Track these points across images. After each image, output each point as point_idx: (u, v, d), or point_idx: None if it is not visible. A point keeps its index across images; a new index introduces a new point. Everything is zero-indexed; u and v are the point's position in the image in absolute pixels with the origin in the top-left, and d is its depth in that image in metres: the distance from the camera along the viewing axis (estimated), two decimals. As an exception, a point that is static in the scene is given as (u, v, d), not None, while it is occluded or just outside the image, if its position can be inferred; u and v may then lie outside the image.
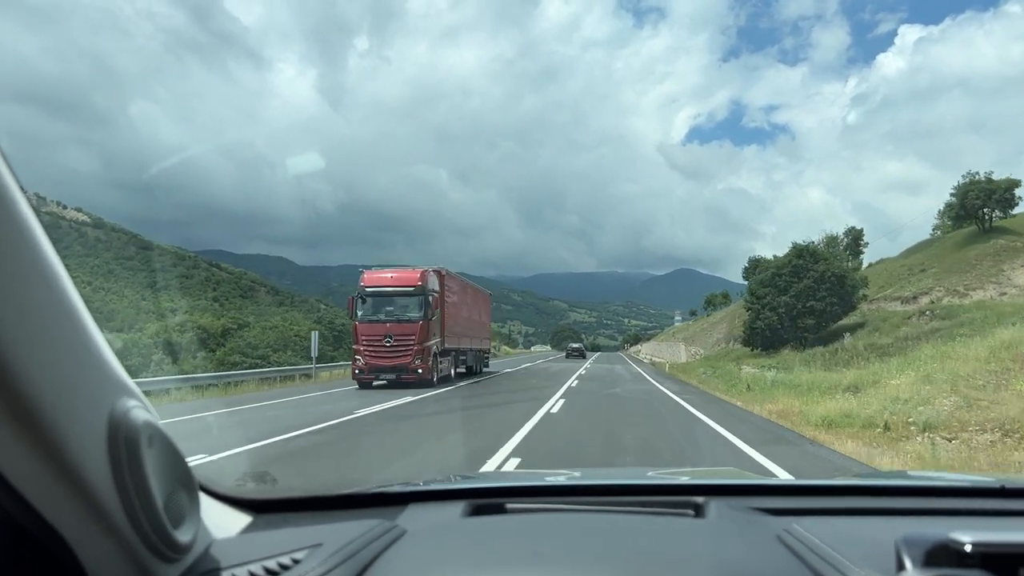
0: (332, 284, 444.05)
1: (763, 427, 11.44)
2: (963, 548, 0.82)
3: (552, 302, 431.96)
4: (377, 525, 1.18)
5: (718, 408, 14.60)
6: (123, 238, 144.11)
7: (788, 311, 36.08)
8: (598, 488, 1.65)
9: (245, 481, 1.56)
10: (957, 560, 0.82)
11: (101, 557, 0.76)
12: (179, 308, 70.68)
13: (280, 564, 0.97)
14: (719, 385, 21.37)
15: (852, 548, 1.05)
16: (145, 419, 0.81)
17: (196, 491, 0.94)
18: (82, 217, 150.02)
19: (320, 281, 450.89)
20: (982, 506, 1.45)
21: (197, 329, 42.92)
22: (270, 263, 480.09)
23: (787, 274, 37.66)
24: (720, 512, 1.33)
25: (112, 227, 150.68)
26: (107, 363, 0.79)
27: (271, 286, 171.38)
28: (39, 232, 0.68)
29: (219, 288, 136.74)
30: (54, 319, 0.70)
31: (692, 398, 16.89)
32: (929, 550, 0.84)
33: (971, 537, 0.82)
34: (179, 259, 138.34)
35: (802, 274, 36.35)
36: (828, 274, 35.66)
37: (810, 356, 27.02)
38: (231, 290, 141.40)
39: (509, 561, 1.08)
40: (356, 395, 16.90)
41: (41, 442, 0.66)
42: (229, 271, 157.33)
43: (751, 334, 39.11)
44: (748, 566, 1.05)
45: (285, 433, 9.82)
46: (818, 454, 8.60)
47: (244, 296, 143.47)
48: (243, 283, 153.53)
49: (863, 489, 1.64)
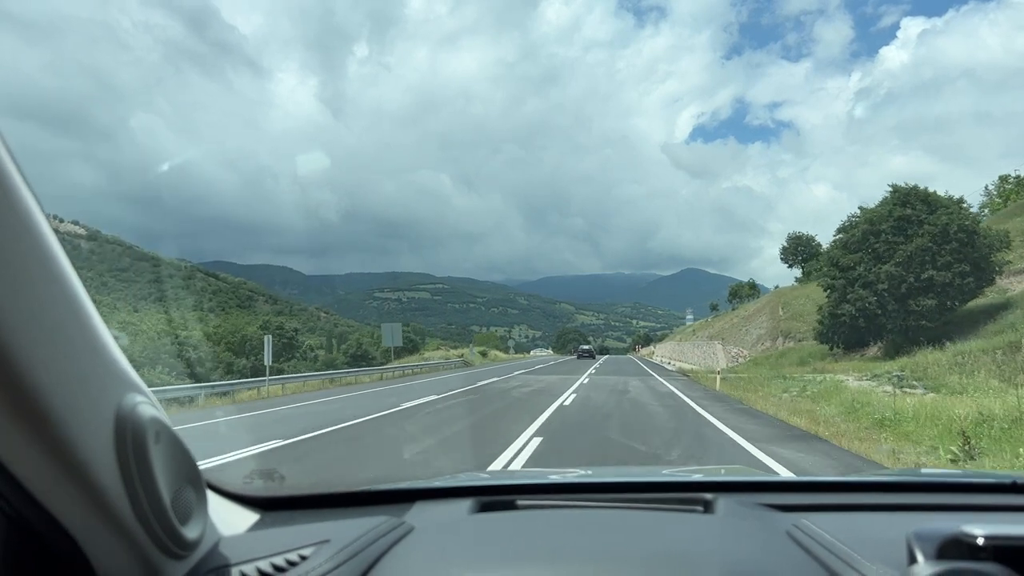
0: (339, 292, 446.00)
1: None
2: (975, 541, 0.81)
3: (559, 305, 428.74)
4: (384, 522, 1.18)
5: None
6: (118, 250, 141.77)
7: (892, 287, 23.59)
8: (607, 485, 1.66)
9: (253, 479, 1.57)
10: (969, 554, 0.81)
11: (109, 553, 0.76)
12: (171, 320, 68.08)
13: (288, 560, 0.97)
14: (885, 435, 9.52)
15: (863, 543, 1.04)
16: (152, 415, 0.81)
17: (203, 488, 0.94)
18: (78, 230, 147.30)
19: (326, 290, 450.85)
20: (994, 502, 1.44)
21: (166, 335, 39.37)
22: (275, 273, 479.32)
23: (889, 231, 24.33)
24: (729, 508, 1.34)
25: (107, 239, 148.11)
26: (114, 359, 0.78)
27: (270, 295, 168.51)
28: (47, 231, 0.69)
29: (215, 298, 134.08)
30: (62, 316, 0.70)
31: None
32: (941, 544, 0.84)
33: (984, 530, 0.82)
34: (176, 269, 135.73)
35: (911, 230, 23.86)
36: (954, 229, 22.84)
37: (959, 358, 16.26)
38: (228, 300, 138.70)
39: (517, 556, 1.08)
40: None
41: (48, 438, 0.66)
42: (228, 281, 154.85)
43: (832, 326, 27.23)
44: (758, 561, 1.05)
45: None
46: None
47: (242, 306, 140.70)
48: (241, 293, 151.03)
49: (873, 485, 1.63)
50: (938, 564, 0.79)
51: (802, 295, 44.05)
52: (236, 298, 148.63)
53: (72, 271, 0.72)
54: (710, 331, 61.43)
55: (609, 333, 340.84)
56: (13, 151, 0.65)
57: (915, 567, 0.81)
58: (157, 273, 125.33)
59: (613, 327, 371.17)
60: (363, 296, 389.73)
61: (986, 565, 0.77)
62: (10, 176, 0.63)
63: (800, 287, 51.71)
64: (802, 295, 44.05)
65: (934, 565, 0.79)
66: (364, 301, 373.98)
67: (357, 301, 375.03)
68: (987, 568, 0.77)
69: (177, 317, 73.95)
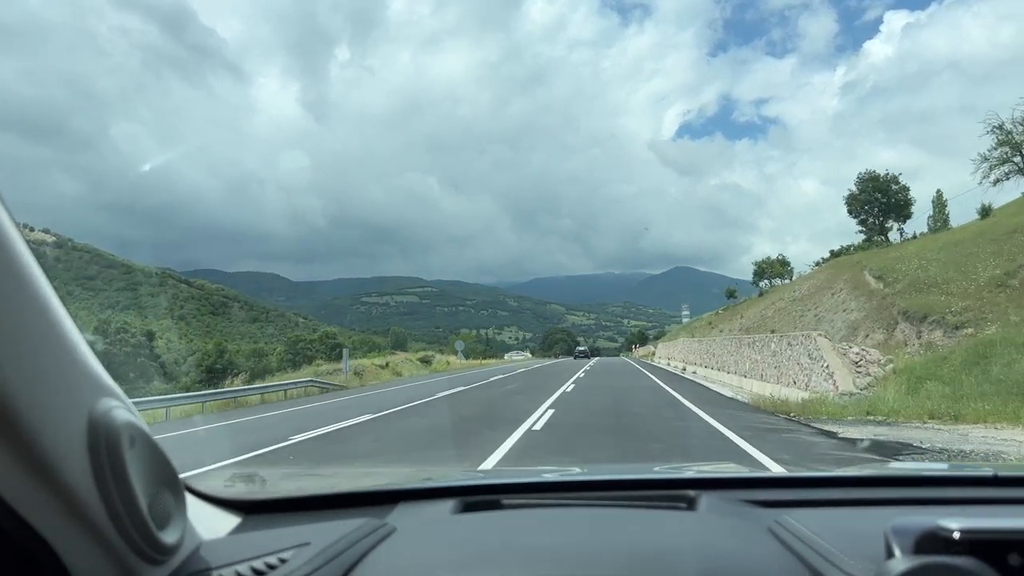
0: (326, 298, 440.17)
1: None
2: (951, 535, 0.82)
3: (549, 306, 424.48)
4: (365, 523, 1.17)
5: None
6: (85, 257, 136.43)
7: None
8: (591, 484, 1.65)
9: (234, 482, 1.56)
10: (946, 547, 0.81)
11: (85, 558, 0.75)
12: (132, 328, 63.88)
13: (267, 564, 0.97)
14: None
15: (842, 538, 1.05)
16: (127, 419, 0.79)
17: (182, 492, 0.93)
18: (47, 238, 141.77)
19: (314, 296, 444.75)
20: (975, 495, 1.44)
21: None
22: (262, 279, 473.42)
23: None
24: (711, 505, 1.34)
25: (75, 246, 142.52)
26: (86, 363, 0.78)
27: (244, 301, 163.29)
28: (16, 235, 0.68)
29: (187, 306, 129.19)
30: (31, 320, 0.69)
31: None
32: (918, 538, 0.84)
33: (959, 524, 0.82)
34: (146, 276, 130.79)
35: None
36: None
37: None
38: (200, 307, 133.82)
39: (501, 556, 1.08)
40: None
41: (18, 442, 0.65)
42: (202, 288, 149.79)
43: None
44: (738, 557, 1.06)
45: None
46: None
47: (216, 313, 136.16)
48: (215, 300, 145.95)
49: (855, 480, 1.63)
50: (914, 559, 0.79)
51: (906, 255, 28.05)
52: (209, 305, 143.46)
53: (43, 276, 0.71)
54: (738, 323, 43.30)
55: (600, 333, 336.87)
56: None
57: (891, 562, 0.81)
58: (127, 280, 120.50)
59: (604, 327, 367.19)
60: (349, 301, 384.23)
61: (961, 559, 0.77)
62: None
63: (894, 248, 36.28)
64: (906, 255, 28.05)
65: (910, 560, 0.79)
66: (351, 306, 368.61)
67: (343, 306, 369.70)
68: (961, 562, 0.76)
69: (139, 324, 69.78)
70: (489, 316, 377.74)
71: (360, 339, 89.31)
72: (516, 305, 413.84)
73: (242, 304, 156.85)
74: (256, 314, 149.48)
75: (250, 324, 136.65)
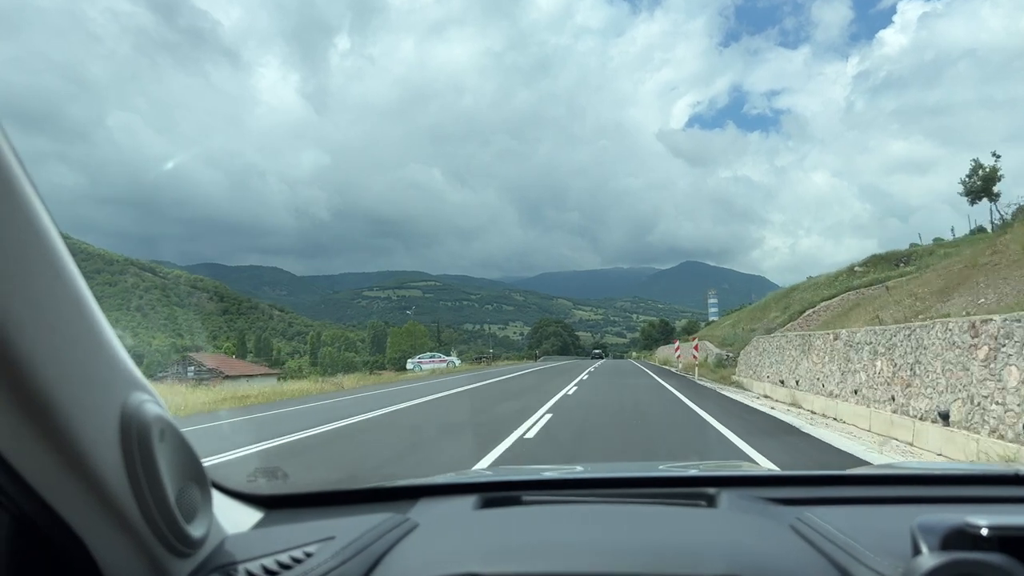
0: (330, 292, 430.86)
1: None
2: (980, 532, 0.82)
3: (556, 301, 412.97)
4: (389, 518, 1.20)
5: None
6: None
7: None
8: (611, 481, 1.66)
9: (257, 477, 1.59)
10: (974, 544, 0.81)
11: (114, 552, 0.76)
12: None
13: (293, 558, 0.97)
14: None
15: (866, 536, 1.05)
16: (157, 413, 0.81)
17: (208, 486, 0.94)
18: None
19: (318, 290, 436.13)
20: (998, 493, 1.44)
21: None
22: (264, 274, 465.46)
23: None
24: (732, 502, 1.34)
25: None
26: (119, 358, 0.78)
27: (215, 291, 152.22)
28: (50, 226, 0.68)
29: (146, 296, 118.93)
30: (67, 314, 0.70)
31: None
32: (945, 535, 0.83)
33: (988, 521, 0.82)
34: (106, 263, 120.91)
35: None
36: None
37: None
38: (160, 298, 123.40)
39: (523, 550, 1.09)
40: None
41: (54, 436, 0.66)
42: (166, 276, 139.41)
43: None
44: (763, 554, 1.06)
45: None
46: None
47: (182, 304, 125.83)
48: (180, 289, 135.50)
49: (876, 479, 1.63)
50: (943, 555, 0.78)
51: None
52: (175, 295, 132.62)
53: (77, 270, 0.72)
54: (821, 317, 27.09)
55: (608, 328, 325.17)
56: (17, 151, 0.65)
57: (920, 558, 0.80)
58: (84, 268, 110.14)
59: (612, 322, 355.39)
60: (351, 295, 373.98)
61: (991, 555, 0.77)
62: (15, 176, 0.64)
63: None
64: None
65: (939, 556, 0.78)
66: (352, 300, 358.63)
67: (343, 301, 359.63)
68: (992, 558, 0.76)
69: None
70: (493, 311, 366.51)
71: (334, 333, 77.55)
72: (522, 300, 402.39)
73: (211, 295, 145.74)
74: (227, 305, 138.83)
75: (220, 316, 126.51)
